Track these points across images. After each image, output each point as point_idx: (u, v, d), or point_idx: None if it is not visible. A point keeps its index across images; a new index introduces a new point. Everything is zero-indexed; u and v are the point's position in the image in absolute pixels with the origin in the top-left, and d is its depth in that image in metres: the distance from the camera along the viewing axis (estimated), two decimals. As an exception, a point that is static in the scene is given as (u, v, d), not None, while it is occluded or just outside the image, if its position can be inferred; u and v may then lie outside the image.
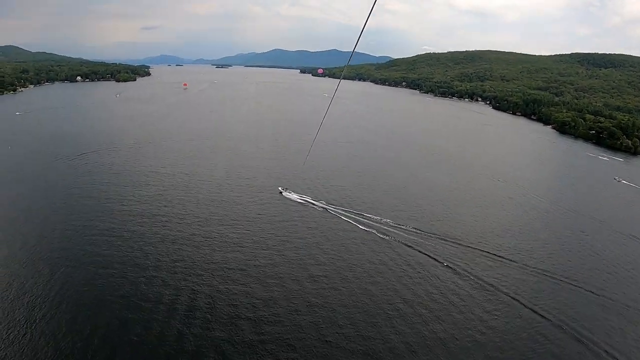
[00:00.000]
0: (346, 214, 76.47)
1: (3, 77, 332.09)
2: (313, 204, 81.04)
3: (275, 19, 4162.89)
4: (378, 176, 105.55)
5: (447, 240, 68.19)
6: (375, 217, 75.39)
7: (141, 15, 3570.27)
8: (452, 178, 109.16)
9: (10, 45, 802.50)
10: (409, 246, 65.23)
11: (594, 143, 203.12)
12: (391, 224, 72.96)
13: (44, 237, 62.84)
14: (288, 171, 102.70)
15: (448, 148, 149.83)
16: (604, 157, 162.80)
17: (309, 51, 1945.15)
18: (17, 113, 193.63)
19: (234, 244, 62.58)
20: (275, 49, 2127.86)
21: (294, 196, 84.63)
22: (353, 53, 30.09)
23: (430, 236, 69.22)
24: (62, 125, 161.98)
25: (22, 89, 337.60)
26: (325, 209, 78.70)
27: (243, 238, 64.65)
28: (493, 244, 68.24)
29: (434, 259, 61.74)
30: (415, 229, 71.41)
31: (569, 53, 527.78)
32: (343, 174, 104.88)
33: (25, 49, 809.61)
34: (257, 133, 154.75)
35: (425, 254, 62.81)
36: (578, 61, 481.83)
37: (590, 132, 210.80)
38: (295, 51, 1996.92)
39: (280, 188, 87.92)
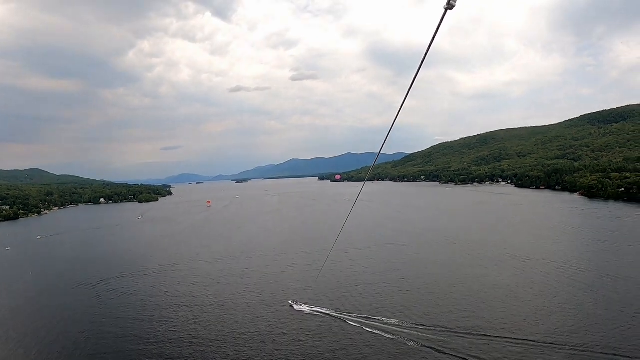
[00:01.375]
0: (373, 323, 70.95)
1: (28, 199, 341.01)
2: (334, 316, 76.27)
3: (289, 130, 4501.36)
4: (405, 278, 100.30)
5: (501, 340, 61.17)
6: (399, 323, 70.32)
7: (161, 137, 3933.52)
8: (494, 270, 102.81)
9: (35, 168, 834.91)
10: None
11: (625, 201, 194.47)
12: (428, 329, 66.73)
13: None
14: (306, 283, 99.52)
15: (482, 238, 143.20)
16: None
17: (324, 157, 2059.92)
18: (38, 237, 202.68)
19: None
20: (291, 159, 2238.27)
21: (306, 309, 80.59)
22: (377, 159, 31.48)
23: (479, 337, 62.63)
24: (84, 249, 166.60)
25: (46, 211, 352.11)
26: (363, 322, 72.88)
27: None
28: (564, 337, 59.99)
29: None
30: (467, 333, 64.47)
31: (578, 116, 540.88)
32: (365, 280, 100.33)
33: (50, 172, 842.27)
34: (283, 246, 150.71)
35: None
36: (588, 122, 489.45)
37: (620, 190, 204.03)
38: (311, 159, 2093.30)
39: (290, 301, 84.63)
